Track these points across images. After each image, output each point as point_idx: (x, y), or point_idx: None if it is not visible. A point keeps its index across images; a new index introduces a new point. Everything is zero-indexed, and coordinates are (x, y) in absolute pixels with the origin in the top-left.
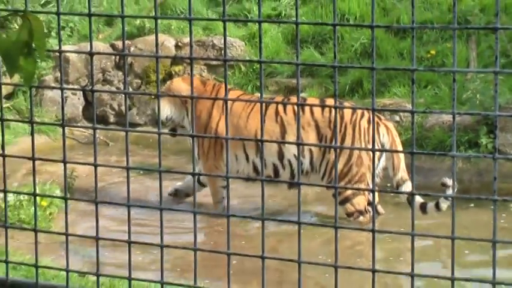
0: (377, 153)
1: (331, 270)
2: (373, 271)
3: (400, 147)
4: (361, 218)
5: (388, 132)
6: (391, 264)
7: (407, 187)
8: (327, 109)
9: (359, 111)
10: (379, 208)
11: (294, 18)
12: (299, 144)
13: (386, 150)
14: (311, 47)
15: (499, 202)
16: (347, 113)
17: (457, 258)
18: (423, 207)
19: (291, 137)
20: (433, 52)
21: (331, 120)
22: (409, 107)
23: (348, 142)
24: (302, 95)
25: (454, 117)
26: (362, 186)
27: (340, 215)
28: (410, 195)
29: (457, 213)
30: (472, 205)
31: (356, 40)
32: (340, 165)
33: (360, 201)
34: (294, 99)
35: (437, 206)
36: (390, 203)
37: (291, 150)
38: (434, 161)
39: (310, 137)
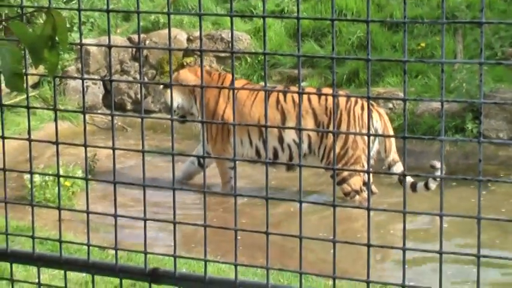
0: (371, 138)
1: (330, 245)
2: (368, 246)
3: (391, 132)
4: (357, 197)
5: (380, 118)
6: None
7: (398, 168)
8: (323, 97)
9: (353, 99)
10: (373, 188)
11: (296, 14)
12: (300, 129)
13: (380, 135)
14: (311, 40)
15: (482, 182)
16: (342, 100)
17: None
18: (413, 187)
19: (290, 123)
20: (423, 45)
21: (328, 107)
22: (401, 95)
23: (343, 127)
24: (301, 84)
25: (442, 105)
26: (358, 167)
27: (338, 195)
28: (402, 176)
29: (444, 192)
30: (455, 184)
31: (353, 34)
32: (337, 149)
33: (356, 182)
34: (293, 88)
35: (426, 186)
36: (383, 183)
37: (290, 135)
38: (424, 145)
39: (308, 123)
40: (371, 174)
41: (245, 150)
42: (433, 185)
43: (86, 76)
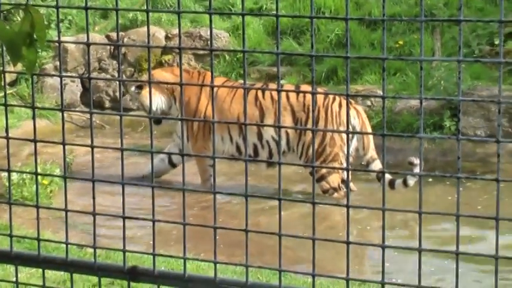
0: (349, 135)
1: (309, 242)
2: (347, 243)
3: (369, 129)
4: (335, 194)
5: (358, 115)
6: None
7: (376, 165)
8: (301, 94)
9: (331, 96)
10: (352, 185)
11: (275, 12)
12: (279, 127)
13: (359, 133)
14: (290, 38)
15: (461, 179)
16: (320, 98)
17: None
18: (392, 184)
19: (268, 120)
20: (401, 42)
21: (305, 104)
22: (379, 92)
23: (321, 124)
24: (281, 82)
25: (421, 102)
26: (336, 164)
27: (316, 192)
28: (381, 173)
29: (423, 189)
30: (431, 180)
31: (331, 31)
32: (315, 146)
33: (334, 179)
34: (272, 85)
35: (404, 183)
36: (361, 179)
37: (269, 132)
38: (403, 142)
39: (287, 120)
40: (350, 172)
41: (226, 147)
42: (411, 181)
43: (64, 74)
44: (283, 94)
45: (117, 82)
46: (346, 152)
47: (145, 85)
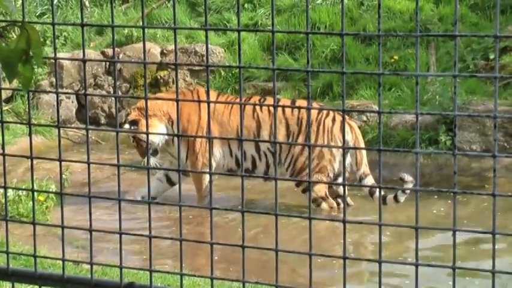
0: (341, 150)
1: (304, 257)
2: (344, 258)
3: (362, 144)
4: (323, 204)
5: (351, 130)
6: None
7: (369, 181)
8: (296, 108)
9: (324, 111)
10: (349, 200)
11: (270, 27)
12: (275, 142)
13: (354, 148)
14: (285, 54)
15: (457, 194)
16: (313, 112)
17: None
18: (383, 199)
19: (265, 131)
20: (396, 57)
21: (299, 118)
22: (375, 107)
23: (312, 139)
24: (277, 96)
25: (417, 117)
26: (322, 176)
27: (305, 204)
28: (378, 188)
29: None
30: (426, 195)
31: (326, 47)
32: (303, 158)
33: (321, 189)
34: (269, 99)
35: (395, 198)
36: (354, 195)
37: (265, 144)
38: (398, 157)
39: (281, 132)
40: (346, 187)
41: (226, 160)
42: (401, 197)
43: (59, 90)
44: (279, 108)
45: (113, 98)
46: (334, 166)
47: (140, 119)
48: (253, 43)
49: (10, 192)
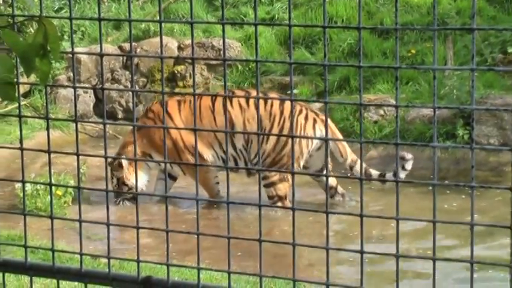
0: (309, 148)
1: (318, 250)
2: (362, 252)
3: (339, 135)
4: (279, 203)
5: (324, 125)
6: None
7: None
8: (268, 104)
9: (298, 108)
10: (339, 188)
11: (287, 21)
12: (260, 134)
13: (337, 139)
14: (302, 48)
15: (475, 188)
16: (286, 108)
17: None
18: (382, 176)
19: (238, 129)
20: (413, 51)
21: (271, 113)
22: (392, 101)
23: (284, 138)
24: (247, 89)
25: (434, 111)
26: (288, 176)
27: (263, 198)
28: (395, 182)
29: (435, 197)
30: (443, 189)
31: (343, 41)
32: (273, 155)
33: (283, 188)
34: (238, 92)
35: (394, 175)
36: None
37: (240, 141)
38: (416, 151)
39: (254, 128)
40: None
41: (221, 161)
42: (402, 174)
43: (77, 85)
44: (251, 103)
45: (130, 92)
46: (300, 164)
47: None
48: (270, 37)
49: (28, 187)
